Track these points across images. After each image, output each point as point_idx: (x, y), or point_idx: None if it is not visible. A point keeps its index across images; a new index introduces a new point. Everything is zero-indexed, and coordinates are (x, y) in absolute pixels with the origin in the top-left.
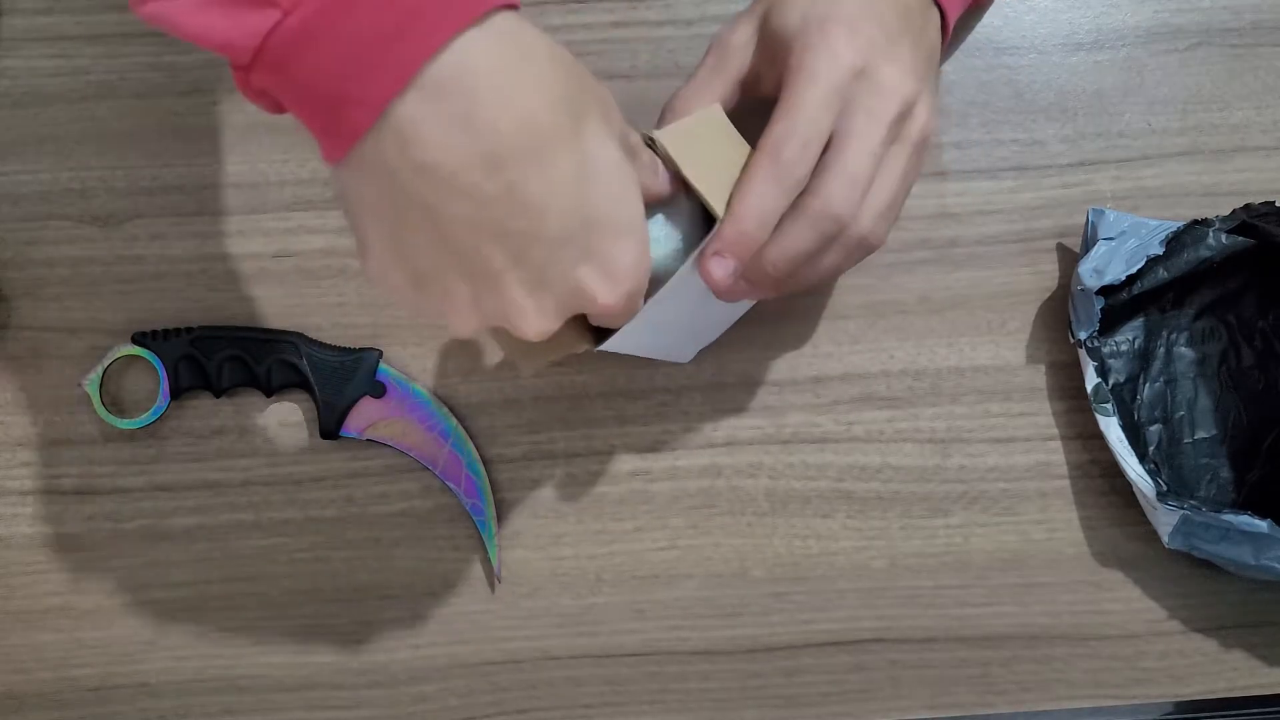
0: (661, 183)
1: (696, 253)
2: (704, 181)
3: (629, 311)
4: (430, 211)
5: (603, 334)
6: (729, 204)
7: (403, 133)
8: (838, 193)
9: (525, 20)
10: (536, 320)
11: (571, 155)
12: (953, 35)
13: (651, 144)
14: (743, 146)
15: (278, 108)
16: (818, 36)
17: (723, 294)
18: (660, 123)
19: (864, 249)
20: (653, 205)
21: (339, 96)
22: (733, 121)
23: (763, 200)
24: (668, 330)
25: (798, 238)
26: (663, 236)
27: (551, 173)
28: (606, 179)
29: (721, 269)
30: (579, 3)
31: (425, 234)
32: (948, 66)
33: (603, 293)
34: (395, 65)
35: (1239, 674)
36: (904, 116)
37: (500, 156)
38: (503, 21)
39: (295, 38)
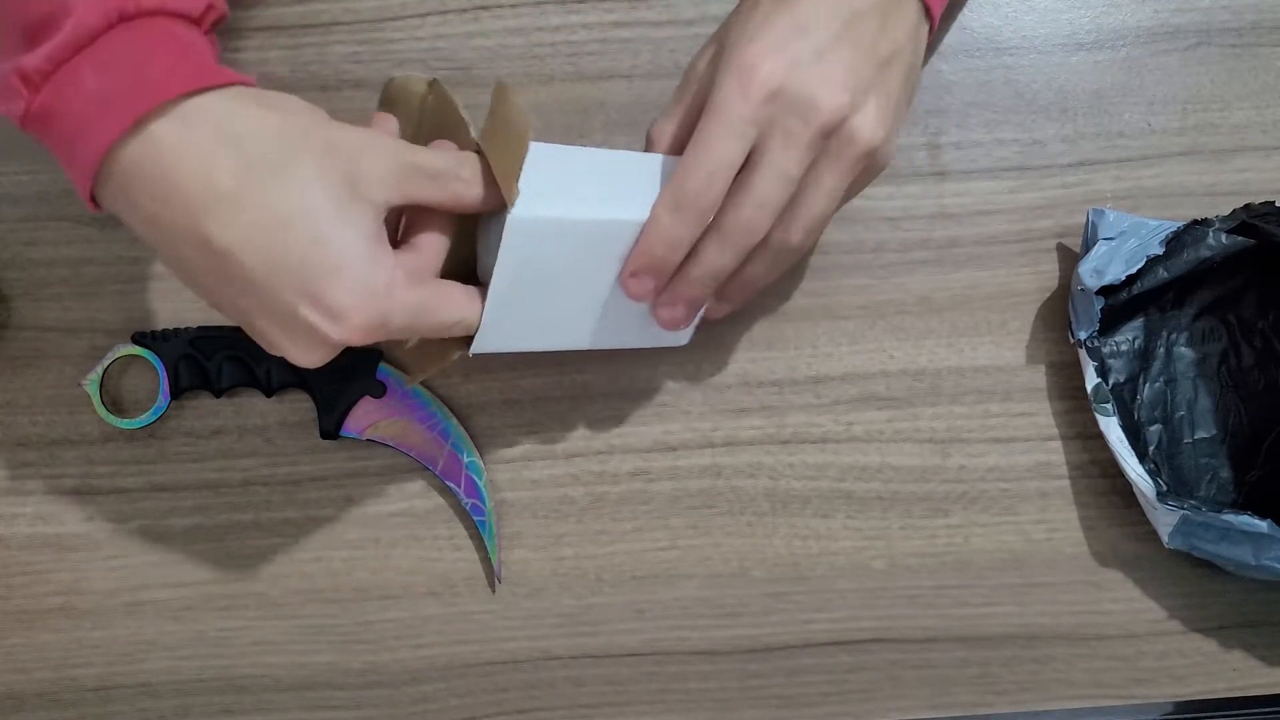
0: (473, 194)
1: (503, 227)
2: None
3: (377, 339)
4: (177, 263)
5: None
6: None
7: (119, 195)
8: (745, 214)
9: (223, 96)
10: (301, 355)
11: (259, 208)
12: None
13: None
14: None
15: None
16: (734, 64)
17: (665, 322)
18: (647, 147)
19: (792, 259)
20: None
21: (71, 164)
22: None
23: (669, 229)
24: (567, 315)
25: (716, 255)
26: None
27: (239, 226)
28: (306, 223)
29: (639, 286)
30: (579, 2)
31: (191, 281)
32: (946, 66)
33: (330, 330)
34: (90, 149)
35: (1239, 674)
36: (831, 131)
37: (193, 216)
38: (189, 106)
39: (37, 119)
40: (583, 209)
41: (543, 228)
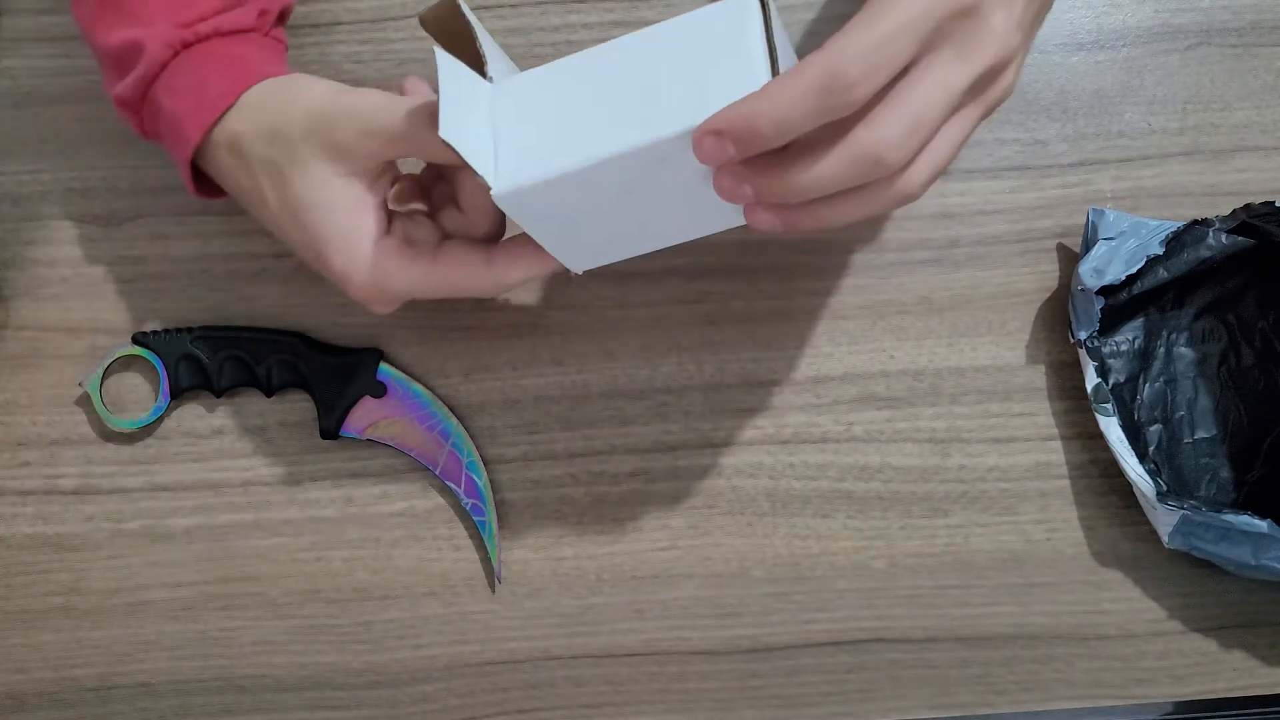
0: (436, 154)
1: (537, 176)
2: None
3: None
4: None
5: None
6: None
7: (219, 189)
8: (892, 133)
9: (245, 104)
10: (372, 308)
11: (270, 198)
12: None
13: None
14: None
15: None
16: None
17: (724, 189)
18: None
19: (898, 205)
20: None
21: (181, 169)
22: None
23: (793, 108)
24: (641, 228)
25: (831, 170)
26: None
27: (266, 214)
28: (296, 207)
29: (714, 148)
30: (579, 2)
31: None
32: None
33: (350, 291)
34: (182, 161)
35: (1239, 674)
36: (994, 74)
37: (249, 209)
38: (222, 125)
39: (151, 137)
40: (564, 159)
41: (534, 192)
